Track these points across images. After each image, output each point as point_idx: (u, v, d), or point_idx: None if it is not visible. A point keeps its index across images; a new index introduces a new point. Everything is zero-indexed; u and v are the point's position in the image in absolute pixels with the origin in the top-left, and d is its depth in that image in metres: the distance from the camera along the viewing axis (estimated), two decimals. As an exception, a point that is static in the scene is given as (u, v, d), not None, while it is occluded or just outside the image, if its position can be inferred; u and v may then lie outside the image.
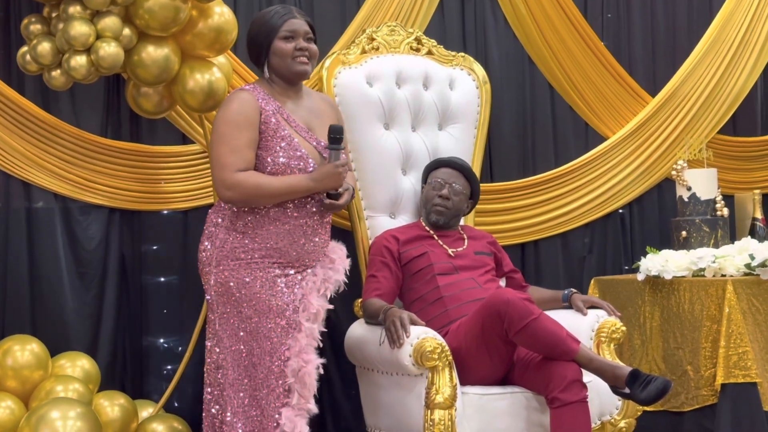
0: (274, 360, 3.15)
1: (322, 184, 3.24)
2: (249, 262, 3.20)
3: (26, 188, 3.87)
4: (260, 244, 3.22)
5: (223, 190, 3.20)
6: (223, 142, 3.20)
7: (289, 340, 3.16)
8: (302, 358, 3.15)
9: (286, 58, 3.31)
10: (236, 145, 3.19)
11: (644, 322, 4.10)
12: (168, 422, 3.73)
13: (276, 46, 3.31)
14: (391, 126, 3.98)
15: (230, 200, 3.21)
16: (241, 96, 3.28)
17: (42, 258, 3.86)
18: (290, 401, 3.14)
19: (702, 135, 4.71)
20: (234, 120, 3.22)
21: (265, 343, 3.16)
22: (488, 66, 4.38)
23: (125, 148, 3.97)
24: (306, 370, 3.14)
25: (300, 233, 3.27)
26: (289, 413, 3.13)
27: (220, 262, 3.22)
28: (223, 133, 3.21)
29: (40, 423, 3.27)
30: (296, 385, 3.14)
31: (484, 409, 3.28)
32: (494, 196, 4.47)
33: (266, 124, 3.24)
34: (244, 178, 3.18)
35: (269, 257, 3.22)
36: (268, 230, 3.23)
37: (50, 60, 3.42)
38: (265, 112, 3.25)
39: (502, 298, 3.23)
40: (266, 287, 3.19)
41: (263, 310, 3.17)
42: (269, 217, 3.23)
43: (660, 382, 3.10)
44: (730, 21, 4.80)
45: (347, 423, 4.21)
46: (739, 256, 3.91)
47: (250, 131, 3.22)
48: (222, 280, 3.21)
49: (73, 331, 3.88)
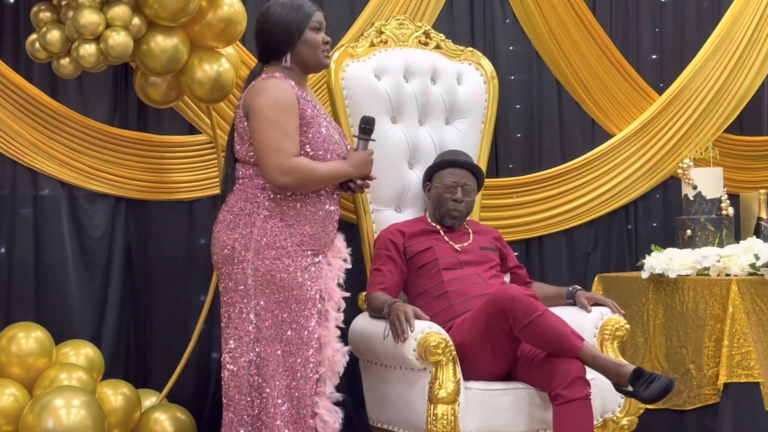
0: (310, 349, 3.16)
1: (359, 170, 3.27)
2: (289, 250, 3.17)
3: (33, 176, 3.87)
4: (298, 230, 3.19)
5: (279, 175, 3.13)
6: (275, 127, 3.14)
7: (321, 329, 3.19)
8: (332, 347, 3.18)
9: (316, 50, 3.28)
10: (289, 131, 3.16)
11: (648, 320, 4.10)
12: (171, 412, 3.74)
13: (308, 36, 3.27)
14: (398, 120, 3.97)
15: (285, 185, 3.15)
16: (281, 83, 3.21)
17: (47, 246, 3.87)
18: (323, 390, 3.17)
19: (708, 134, 4.70)
20: (282, 106, 3.17)
21: (303, 332, 3.16)
22: (496, 61, 4.38)
23: (132, 137, 3.97)
24: (336, 359, 3.18)
25: (329, 220, 3.27)
26: (324, 402, 3.16)
27: (260, 251, 3.15)
28: (275, 118, 3.15)
29: (44, 411, 3.29)
30: (328, 374, 3.17)
31: (487, 404, 3.28)
32: (500, 191, 4.47)
33: (303, 111, 3.22)
34: (301, 163, 3.15)
35: (305, 244, 3.20)
36: (305, 216, 3.21)
37: (59, 48, 3.42)
38: (302, 100, 3.23)
39: (507, 294, 3.23)
40: (305, 275, 3.18)
41: (302, 298, 3.16)
42: (305, 204, 3.21)
43: (663, 381, 3.10)
44: (739, 20, 4.79)
45: (349, 415, 4.21)
46: (743, 256, 3.91)
47: (296, 117, 3.19)
48: (264, 268, 3.14)
49: (78, 320, 3.89)
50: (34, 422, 3.28)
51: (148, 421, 3.70)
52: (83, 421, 3.30)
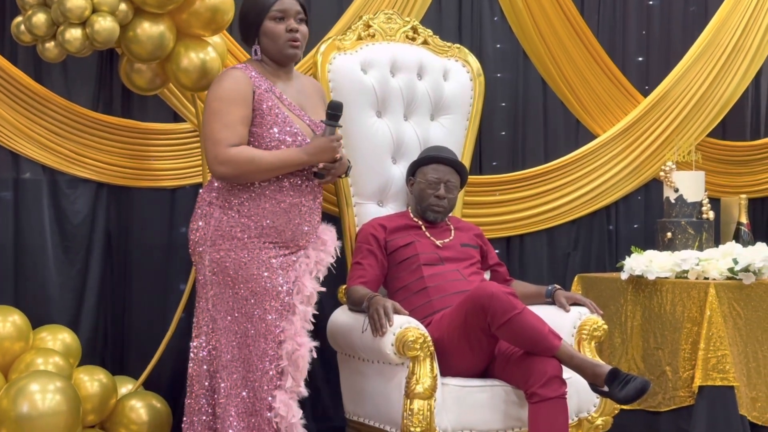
0: (269, 342, 3.14)
1: (315, 157, 3.21)
2: (245, 242, 3.18)
3: (14, 158, 3.84)
4: (256, 222, 3.20)
5: (216, 166, 3.17)
6: (216, 118, 3.18)
7: (284, 322, 3.16)
8: (296, 341, 3.15)
9: (277, 40, 3.28)
10: (229, 121, 3.17)
11: (625, 321, 4.12)
12: (147, 399, 3.73)
13: (266, 27, 3.28)
14: (383, 114, 3.97)
15: (224, 176, 3.18)
16: (233, 73, 3.26)
17: (27, 230, 3.85)
18: (284, 384, 3.14)
19: (691, 137, 4.73)
20: (226, 96, 3.20)
21: (260, 324, 3.16)
22: (483, 59, 4.38)
23: (116, 123, 3.95)
24: (299, 353, 3.14)
25: (296, 212, 3.25)
26: (283, 396, 3.13)
27: (215, 241, 3.19)
28: (216, 109, 3.19)
29: (19, 395, 3.27)
30: (290, 368, 3.14)
31: (464, 400, 3.29)
32: (482, 188, 4.48)
33: (259, 102, 3.22)
34: (237, 152, 3.15)
35: (265, 236, 3.20)
36: (264, 209, 3.20)
37: (45, 31, 3.39)
38: (258, 90, 3.23)
39: (487, 291, 3.24)
40: (262, 268, 3.18)
41: (258, 291, 3.16)
42: (265, 196, 3.21)
43: (639, 382, 3.12)
44: (725, 25, 4.82)
45: (325, 408, 4.22)
46: (722, 260, 3.94)
47: (242, 107, 3.20)
48: (217, 259, 3.19)
49: (56, 305, 3.86)
50: (9, 406, 3.26)
51: (124, 408, 3.69)
52: (58, 407, 3.28)
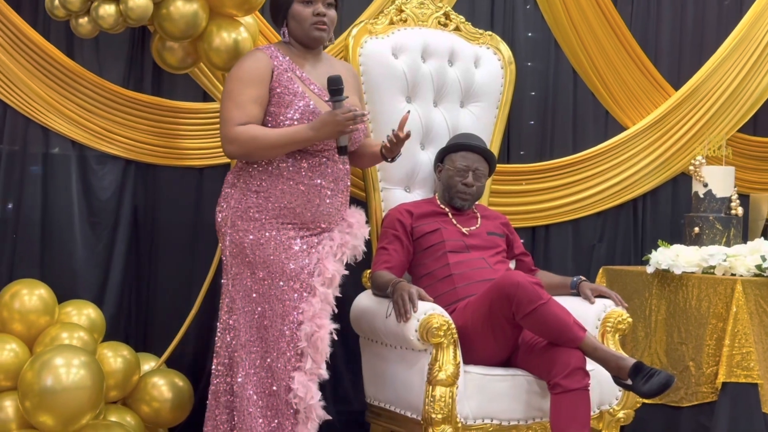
0: (286, 323, 3.15)
1: (321, 132, 3.17)
2: (263, 223, 3.20)
3: (44, 133, 3.85)
4: (274, 203, 3.21)
5: (225, 144, 3.22)
6: (229, 97, 3.23)
7: (303, 303, 3.16)
8: (315, 323, 3.14)
9: (303, 23, 3.29)
10: (241, 101, 3.20)
11: (650, 314, 4.10)
12: (169, 377, 3.75)
13: (294, 10, 3.29)
14: (413, 99, 3.96)
15: (232, 154, 3.23)
16: (254, 54, 3.30)
17: (55, 205, 3.86)
18: (303, 365, 3.14)
19: (722, 132, 4.69)
20: (242, 77, 3.23)
21: (278, 305, 3.16)
22: (514, 47, 4.36)
23: (145, 101, 3.95)
24: (319, 335, 3.14)
25: (315, 194, 3.25)
26: (302, 378, 3.13)
27: (235, 222, 3.22)
28: (231, 89, 3.23)
29: (44, 368, 3.29)
30: (309, 350, 3.13)
31: (486, 389, 3.29)
32: (509, 177, 4.46)
33: (278, 81, 3.23)
34: (242, 131, 3.18)
35: (282, 217, 3.21)
36: (281, 190, 3.22)
37: (78, 7, 3.40)
38: (277, 70, 3.25)
39: (512, 280, 3.23)
40: (280, 249, 3.19)
41: (276, 272, 3.17)
42: (283, 177, 3.22)
43: (663, 377, 3.11)
44: (760, 20, 4.77)
45: (346, 392, 4.23)
46: (750, 257, 3.91)
47: (257, 88, 3.22)
48: (236, 240, 3.21)
49: (81, 280, 3.88)
50: (33, 379, 3.28)
51: (146, 385, 3.70)
52: (82, 381, 3.30)
